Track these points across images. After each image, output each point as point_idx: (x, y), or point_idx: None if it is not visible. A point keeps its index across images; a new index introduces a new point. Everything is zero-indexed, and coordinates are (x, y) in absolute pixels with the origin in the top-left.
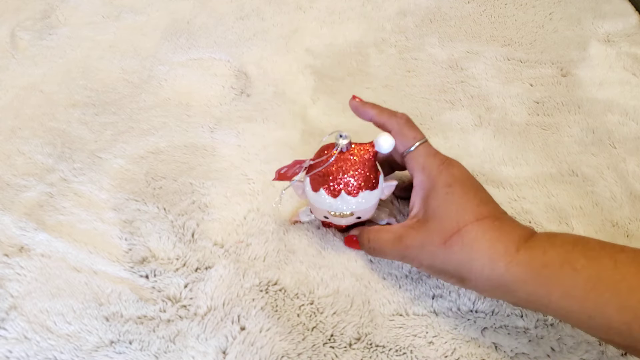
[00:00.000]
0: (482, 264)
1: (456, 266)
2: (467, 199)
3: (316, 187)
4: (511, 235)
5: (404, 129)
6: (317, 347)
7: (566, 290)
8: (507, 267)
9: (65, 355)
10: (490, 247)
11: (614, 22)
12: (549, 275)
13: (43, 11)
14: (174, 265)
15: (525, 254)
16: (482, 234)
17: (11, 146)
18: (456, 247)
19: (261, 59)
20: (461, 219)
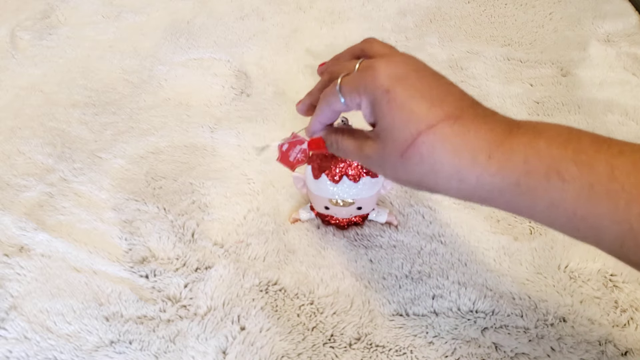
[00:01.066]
0: (448, 177)
1: (420, 179)
2: (413, 102)
3: (317, 173)
4: (478, 140)
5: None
6: (317, 347)
7: (552, 202)
8: (479, 179)
9: (65, 355)
10: (454, 157)
11: (614, 22)
12: (531, 186)
13: (43, 11)
14: (174, 265)
15: (500, 162)
16: (440, 143)
17: (11, 146)
18: (415, 159)
19: (261, 59)
20: (412, 128)
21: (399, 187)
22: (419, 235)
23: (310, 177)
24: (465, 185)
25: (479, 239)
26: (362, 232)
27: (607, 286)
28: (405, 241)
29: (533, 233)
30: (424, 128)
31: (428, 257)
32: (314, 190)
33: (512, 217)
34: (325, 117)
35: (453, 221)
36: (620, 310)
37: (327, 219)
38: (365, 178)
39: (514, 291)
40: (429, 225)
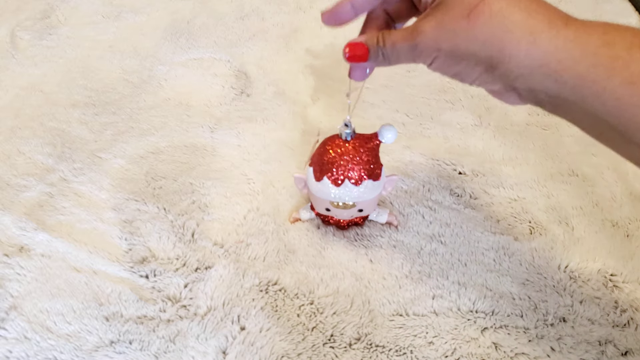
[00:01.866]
0: (519, 37)
1: (484, 43)
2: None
3: (319, 176)
4: (554, 9)
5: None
6: (317, 347)
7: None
8: (552, 41)
9: (65, 355)
10: (528, 17)
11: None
12: (612, 56)
13: (43, 11)
14: (174, 265)
15: (577, 29)
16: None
17: (11, 146)
18: (483, 18)
19: (261, 59)
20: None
21: (399, 188)
22: (419, 236)
23: (311, 179)
24: (537, 49)
25: (479, 239)
26: (362, 232)
27: (607, 286)
28: (405, 241)
29: (533, 233)
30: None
31: (428, 257)
32: (315, 192)
33: (512, 217)
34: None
35: (453, 221)
36: (620, 310)
37: (327, 219)
38: (367, 181)
39: (514, 291)
40: (429, 225)
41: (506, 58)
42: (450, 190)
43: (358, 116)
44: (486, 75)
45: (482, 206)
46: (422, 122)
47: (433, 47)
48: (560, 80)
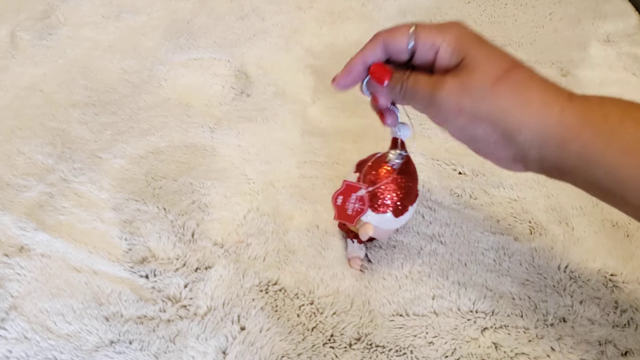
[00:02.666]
0: (535, 109)
1: (505, 112)
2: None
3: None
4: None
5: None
6: (317, 347)
7: (626, 147)
8: (562, 113)
9: (65, 355)
10: (543, 91)
11: (614, 22)
12: (608, 128)
13: (43, 11)
14: (174, 265)
15: (580, 103)
16: (530, 77)
17: (11, 146)
18: (506, 88)
19: (261, 59)
20: (505, 61)
21: None
22: (419, 236)
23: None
24: (549, 121)
25: (479, 239)
26: None
27: (607, 286)
28: (405, 241)
29: (533, 233)
30: (513, 64)
31: (428, 257)
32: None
33: (512, 217)
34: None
35: (453, 221)
36: (620, 310)
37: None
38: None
39: (514, 291)
40: (428, 226)
41: (524, 127)
42: (450, 190)
43: (358, 116)
44: (502, 142)
45: (482, 206)
46: (422, 122)
47: (455, 105)
48: (568, 149)
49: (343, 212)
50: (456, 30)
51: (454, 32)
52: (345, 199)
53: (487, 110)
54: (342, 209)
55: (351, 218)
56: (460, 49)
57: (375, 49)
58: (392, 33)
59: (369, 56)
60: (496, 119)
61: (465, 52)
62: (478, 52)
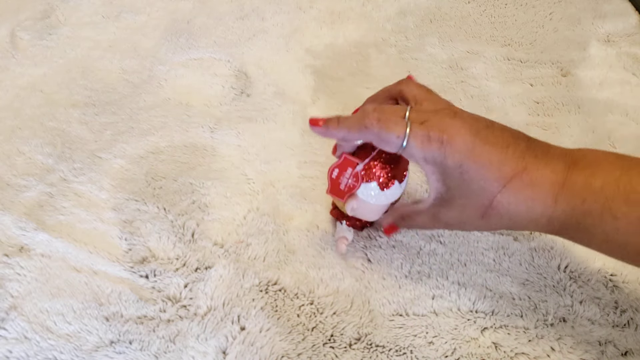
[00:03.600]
0: (526, 223)
1: (501, 228)
2: (485, 169)
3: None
4: (544, 186)
5: (382, 134)
6: (317, 347)
7: (607, 238)
8: (549, 220)
9: (65, 355)
10: (528, 210)
11: (614, 22)
12: (588, 225)
13: (43, 11)
14: (173, 265)
15: (563, 205)
16: (514, 198)
17: (11, 146)
18: (494, 219)
19: (261, 59)
20: (487, 192)
21: None
22: (418, 236)
23: (376, 191)
24: (538, 226)
25: (478, 239)
26: (361, 232)
27: (607, 286)
28: (404, 241)
29: (533, 233)
30: (497, 190)
31: (427, 257)
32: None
33: None
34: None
35: None
36: (620, 311)
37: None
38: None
39: (514, 291)
40: None
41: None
42: None
43: None
44: None
45: None
46: None
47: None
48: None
49: (336, 187)
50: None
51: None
52: (340, 173)
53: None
54: (335, 182)
55: (342, 194)
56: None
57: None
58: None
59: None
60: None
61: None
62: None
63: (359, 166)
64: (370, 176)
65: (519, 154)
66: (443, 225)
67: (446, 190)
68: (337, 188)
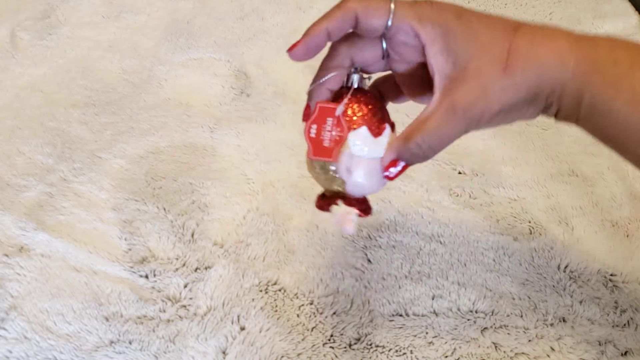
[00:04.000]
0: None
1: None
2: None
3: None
4: (561, 32)
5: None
6: (317, 347)
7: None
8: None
9: (65, 355)
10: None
11: (614, 22)
12: (618, 75)
13: (43, 11)
14: (173, 265)
15: (588, 48)
16: (533, 37)
17: (11, 146)
18: (519, 66)
19: (261, 59)
20: (501, 38)
21: (398, 188)
22: (418, 236)
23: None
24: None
25: (478, 239)
26: (361, 233)
27: (607, 286)
28: (404, 241)
29: (533, 233)
30: (511, 34)
31: (427, 257)
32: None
33: (512, 216)
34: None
35: (452, 221)
36: (620, 310)
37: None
38: None
39: (514, 291)
40: (427, 225)
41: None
42: (450, 190)
43: None
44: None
45: (481, 206)
46: None
47: (487, 116)
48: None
49: (319, 146)
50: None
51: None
52: (319, 128)
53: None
54: (317, 141)
55: (329, 151)
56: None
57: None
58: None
59: (335, 28)
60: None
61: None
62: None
63: (339, 109)
64: (356, 121)
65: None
66: (463, 112)
67: (453, 62)
68: (321, 146)
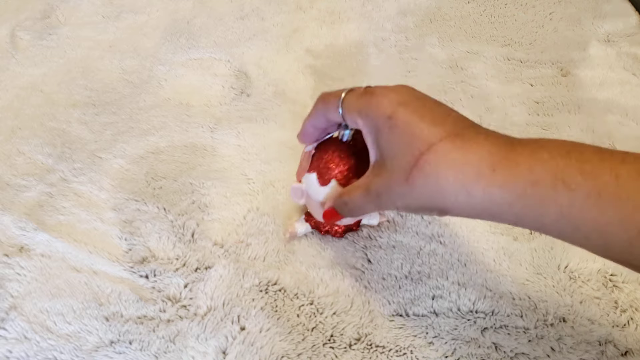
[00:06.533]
0: (455, 193)
1: (429, 200)
2: (414, 125)
3: (326, 180)
4: (480, 152)
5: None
6: (317, 347)
7: (561, 211)
8: (485, 191)
9: (65, 355)
10: (458, 173)
11: (614, 22)
12: (539, 196)
13: (43, 11)
14: (173, 265)
15: (505, 174)
16: (443, 160)
17: (11, 146)
18: (419, 181)
19: (261, 59)
20: (415, 149)
21: None
22: (418, 236)
23: (315, 186)
24: (474, 199)
25: (478, 239)
26: (361, 233)
27: (607, 286)
28: (404, 241)
29: (533, 233)
30: (425, 148)
31: (427, 257)
32: (322, 198)
33: None
34: (319, 122)
35: (452, 221)
36: (620, 310)
37: (324, 229)
38: None
39: (514, 291)
40: (427, 226)
41: (450, 208)
42: None
43: None
44: (442, 215)
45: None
46: None
47: (391, 206)
48: (504, 219)
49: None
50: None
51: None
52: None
53: (414, 204)
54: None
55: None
56: (379, 140)
57: (318, 119)
58: (326, 105)
59: (317, 124)
60: (424, 206)
61: (382, 145)
62: (390, 143)
63: (307, 147)
64: (315, 167)
65: (459, 123)
66: (374, 197)
67: (380, 154)
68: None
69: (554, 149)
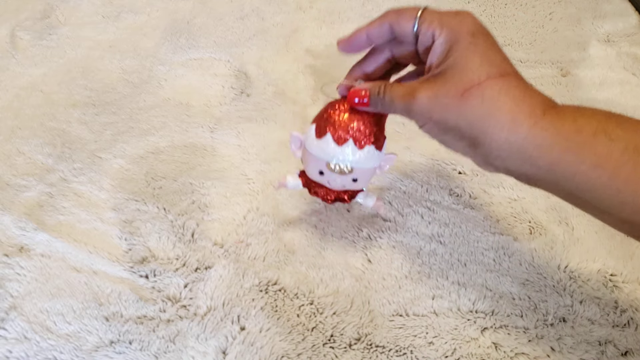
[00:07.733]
0: (502, 123)
1: (471, 123)
2: (493, 51)
3: (322, 132)
4: (537, 98)
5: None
6: (317, 347)
7: (598, 160)
8: (531, 130)
9: (65, 355)
10: (515, 106)
11: (614, 22)
12: (580, 142)
13: (43, 11)
14: (173, 265)
15: (553, 118)
16: (506, 90)
17: (11, 146)
18: (475, 100)
19: (261, 59)
20: (484, 71)
21: (397, 188)
22: (418, 236)
23: (312, 137)
24: (515, 136)
25: (478, 239)
26: (361, 233)
27: (607, 286)
28: (404, 241)
29: (533, 233)
30: (495, 74)
31: (427, 257)
32: (313, 150)
33: (512, 216)
34: (379, 31)
35: (452, 221)
36: (620, 310)
37: (314, 189)
38: (370, 147)
39: (514, 291)
40: (427, 226)
41: (487, 140)
42: (450, 190)
43: None
44: (468, 149)
45: (481, 206)
46: None
47: (425, 115)
48: (536, 165)
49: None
50: (457, 25)
51: (454, 26)
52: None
53: (453, 121)
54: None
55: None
56: (452, 50)
57: (382, 28)
58: (400, 15)
59: (375, 33)
60: (461, 128)
61: (453, 55)
62: (464, 56)
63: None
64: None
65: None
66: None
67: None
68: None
69: (596, 110)
